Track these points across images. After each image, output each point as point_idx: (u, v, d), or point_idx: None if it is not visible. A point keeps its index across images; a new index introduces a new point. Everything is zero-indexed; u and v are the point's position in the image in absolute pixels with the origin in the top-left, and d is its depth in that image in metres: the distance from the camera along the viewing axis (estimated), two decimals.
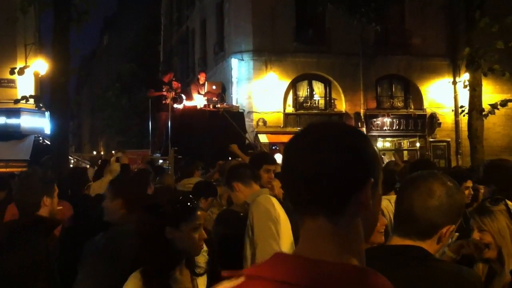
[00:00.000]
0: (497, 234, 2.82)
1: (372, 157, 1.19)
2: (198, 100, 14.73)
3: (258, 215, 3.65)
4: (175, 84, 14.90)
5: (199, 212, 2.68)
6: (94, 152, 45.12)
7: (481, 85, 16.99)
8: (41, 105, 13.13)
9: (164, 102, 14.28)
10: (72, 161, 15.29)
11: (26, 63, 16.38)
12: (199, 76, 15.69)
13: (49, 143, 14.83)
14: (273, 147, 18.18)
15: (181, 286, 2.01)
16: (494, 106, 16.66)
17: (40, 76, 14.83)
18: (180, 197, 2.88)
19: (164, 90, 14.23)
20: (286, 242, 3.54)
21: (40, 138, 18.66)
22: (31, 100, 12.53)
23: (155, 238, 2.62)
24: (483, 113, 16.60)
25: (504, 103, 16.81)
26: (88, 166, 14.42)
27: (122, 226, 3.22)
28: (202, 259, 2.90)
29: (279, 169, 5.18)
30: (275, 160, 5.21)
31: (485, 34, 16.32)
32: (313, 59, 23.42)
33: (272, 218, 3.59)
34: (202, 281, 2.78)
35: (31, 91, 16.83)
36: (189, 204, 2.75)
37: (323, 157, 1.14)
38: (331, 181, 1.13)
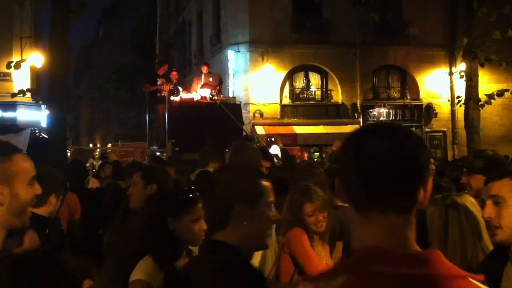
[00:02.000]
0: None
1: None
2: (201, 92, 14.75)
3: None
4: (173, 75, 14.90)
5: (200, 204, 2.74)
6: (91, 145, 45.11)
7: (478, 75, 17.06)
8: (38, 98, 13.13)
9: (159, 95, 14.31)
10: (69, 154, 15.29)
11: (22, 56, 16.35)
12: (202, 69, 15.70)
13: (46, 136, 14.84)
14: (269, 139, 18.21)
15: None
16: (490, 96, 16.75)
17: (36, 69, 14.81)
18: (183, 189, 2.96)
19: (159, 83, 14.25)
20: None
21: (37, 131, 18.63)
22: (28, 94, 12.54)
23: (158, 228, 2.72)
24: (480, 103, 16.67)
25: (500, 93, 16.89)
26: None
27: None
28: None
29: (268, 165, 5.23)
30: (271, 156, 5.25)
31: (483, 24, 16.37)
32: (310, 50, 23.37)
33: None
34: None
35: (27, 85, 16.81)
36: (191, 195, 2.82)
37: (411, 156, 1.21)
38: (414, 179, 1.21)
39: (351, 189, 1.25)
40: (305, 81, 24.34)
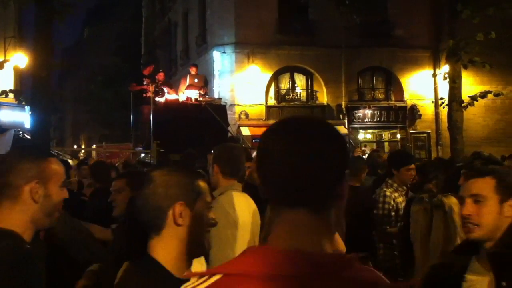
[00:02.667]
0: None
1: (347, 149, 1.24)
2: (186, 93, 14.75)
3: (216, 217, 3.55)
4: (160, 76, 14.88)
5: None
6: (75, 146, 44.82)
7: (461, 77, 17.17)
8: (21, 99, 13.03)
9: (144, 95, 14.27)
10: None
11: (5, 56, 16.21)
12: (190, 70, 15.68)
13: (29, 137, 14.73)
14: (254, 140, 18.24)
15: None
16: (473, 98, 16.88)
17: (20, 69, 14.69)
18: None
19: (145, 83, 14.21)
20: (242, 246, 3.39)
21: (20, 132, 18.49)
22: (11, 94, 12.44)
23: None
24: (463, 104, 16.79)
25: (483, 95, 17.04)
26: (70, 160, 14.35)
27: None
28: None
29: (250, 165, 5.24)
30: (251, 158, 5.27)
31: (467, 27, 16.49)
32: (296, 51, 23.43)
33: (230, 222, 3.50)
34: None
35: (11, 85, 16.68)
36: None
37: (313, 150, 1.14)
38: (320, 174, 1.14)
39: (263, 185, 1.20)
40: (290, 82, 24.40)
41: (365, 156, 15.64)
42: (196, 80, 15.12)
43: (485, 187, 2.25)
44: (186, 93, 14.73)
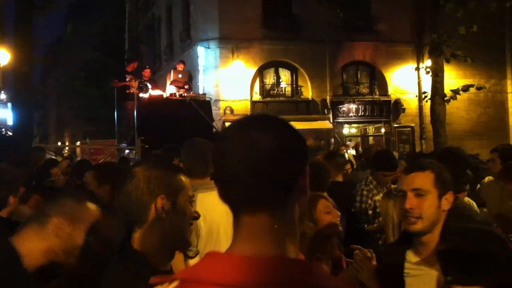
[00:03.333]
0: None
1: (304, 141, 1.18)
2: (170, 89, 14.69)
3: None
4: (146, 72, 14.80)
5: None
6: (59, 143, 44.48)
7: (443, 71, 17.32)
8: (2, 96, 12.90)
9: (128, 91, 14.20)
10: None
11: None
12: (177, 66, 15.60)
13: (11, 134, 14.60)
14: None
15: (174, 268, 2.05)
16: (456, 92, 17.06)
17: (1, 66, 14.53)
18: None
19: (128, 79, 14.13)
20: (206, 249, 3.15)
21: (3, 129, 18.32)
22: None
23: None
24: (445, 98, 16.94)
25: (465, 89, 17.22)
26: (54, 157, 14.23)
27: None
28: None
29: None
30: None
31: (449, 20, 16.61)
32: (280, 46, 23.43)
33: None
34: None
35: None
36: None
37: (267, 150, 1.09)
38: (276, 173, 1.09)
39: (220, 189, 1.16)
40: (275, 77, 24.41)
41: (351, 151, 15.73)
42: (180, 75, 15.06)
43: (426, 181, 2.33)
44: (170, 89, 14.67)
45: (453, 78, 22.25)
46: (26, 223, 2.17)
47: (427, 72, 17.52)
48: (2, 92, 14.74)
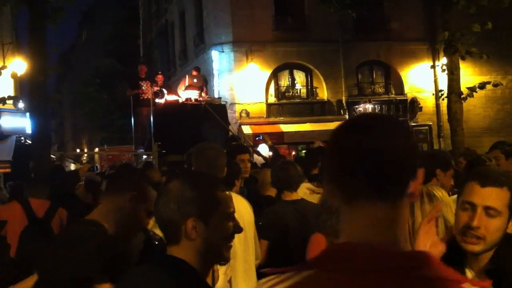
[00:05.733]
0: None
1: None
2: (185, 94, 14.74)
3: None
4: (159, 78, 14.90)
5: None
6: (78, 150, 44.83)
7: (459, 68, 17.09)
8: (20, 105, 13.01)
9: (142, 97, 14.30)
10: (54, 159, 15.20)
11: (4, 62, 16.19)
12: (192, 72, 15.69)
13: (31, 142, 14.74)
14: (257, 138, 18.22)
15: None
16: (472, 89, 16.81)
17: (19, 76, 14.68)
18: None
19: (143, 86, 14.25)
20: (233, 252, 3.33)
21: (22, 138, 18.50)
22: (10, 101, 12.42)
23: None
24: (462, 96, 16.73)
25: (482, 86, 16.97)
26: (72, 164, 14.36)
27: None
28: None
29: (248, 157, 5.25)
30: (247, 149, 5.25)
31: (462, 17, 16.45)
32: (293, 48, 23.41)
33: None
34: (222, 269, 2.87)
35: (11, 91, 16.65)
36: None
37: (397, 146, 1.18)
38: (404, 169, 1.19)
39: (338, 180, 1.23)
40: (290, 79, 24.38)
41: None
42: (195, 80, 15.10)
43: (502, 201, 2.09)
44: (186, 94, 14.71)
45: (469, 75, 22.04)
46: None
47: (443, 70, 17.30)
48: (20, 101, 14.83)
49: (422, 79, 24.80)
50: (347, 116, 23.80)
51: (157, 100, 14.29)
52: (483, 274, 2.10)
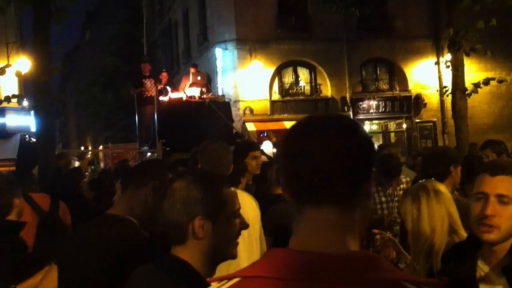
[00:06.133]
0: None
1: (374, 147, 1.23)
2: (189, 92, 14.75)
3: None
4: (163, 76, 14.91)
5: None
6: (82, 148, 44.93)
7: (463, 65, 17.05)
8: (25, 104, 13.05)
9: (145, 95, 14.34)
10: (72, 159, 15.23)
11: (8, 61, 16.25)
12: (190, 69, 15.68)
13: (35, 141, 14.78)
14: (261, 135, 18.22)
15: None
16: (476, 85, 16.77)
17: (23, 74, 14.73)
18: None
19: (148, 84, 14.29)
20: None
21: (27, 136, 18.57)
22: (15, 99, 12.46)
23: None
24: (466, 92, 16.69)
25: (486, 82, 16.90)
26: (77, 162, 14.38)
27: None
28: None
29: (259, 154, 5.24)
30: (258, 146, 5.24)
31: (467, 14, 16.40)
32: (297, 46, 23.41)
33: None
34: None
35: (15, 90, 16.71)
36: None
37: (342, 148, 1.14)
38: (348, 171, 1.14)
39: (287, 183, 1.20)
40: (294, 76, 24.39)
41: None
42: (199, 78, 15.10)
43: None
44: (189, 92, 14.72)
45: (473, 71, 21.97)
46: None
47: (447, 67, 17.26)
48: (25, 99, 14.88)
49: (426, 76, 24.75)
50: (351, 113, 23.80)
51: (161, 98, 14.31)
52: (498, 271, 2.09)
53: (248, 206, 3.66)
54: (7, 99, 12.84)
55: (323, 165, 1.13)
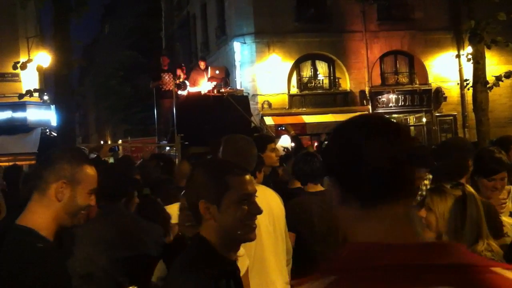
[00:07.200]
0: (441, 216, 2.77)
1: None
2: (202, 86, 14.75)
3: None
4: (179, 72, 14.93)
5: None
6: (102, 142, 45.26)
7: (485, 57, 16.86)
8: (45, 98, 13.17)
9: (164, 89, 14.38)
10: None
11: (29, 56, 16.41)
12: (199, 64, 15.67)
13: (56, 135, 14.93)
14: (279, 128, 18.17)
15: None
16: (498, 78, 16.58)
17: (43, 69, 14.86)
18: None
19: (165, 76, 14.33)
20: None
21: (47, 130, 18.75)
22: (36, 94, 12.59)
23: None
24: (488, 85, 16.50)
25: (508, 75, 16.72)
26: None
27: None
28: None
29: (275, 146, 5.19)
30: (274, 139, 5.23)
31: (487, 5, 16.18)
32: (315, 39, 23.29)
33: None
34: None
35: (36, 84, 16.88)
36: None
37: (410, 147, 1.22)
38: (415, 169, 1.23)
39: (354, 186, 1.22)
40: (312, 70, 24.28)
41: None
42: (217, 71, 15.10)
43: None
44: (208, 85, 14.72)
45: (495, 64, 21.69)
46: (29, 199, 2.24)
47: (468, 60, 17.06)
48: (45, 94, 15.02)
49: (446, 69, 24.48)
50: (370, 107, 23.65)
51: (179, 92, 14.35)
52: None
53: (274, 202, 3.66)
54: (29, 93, 12.99)
55: (399, 166, 1.20)
